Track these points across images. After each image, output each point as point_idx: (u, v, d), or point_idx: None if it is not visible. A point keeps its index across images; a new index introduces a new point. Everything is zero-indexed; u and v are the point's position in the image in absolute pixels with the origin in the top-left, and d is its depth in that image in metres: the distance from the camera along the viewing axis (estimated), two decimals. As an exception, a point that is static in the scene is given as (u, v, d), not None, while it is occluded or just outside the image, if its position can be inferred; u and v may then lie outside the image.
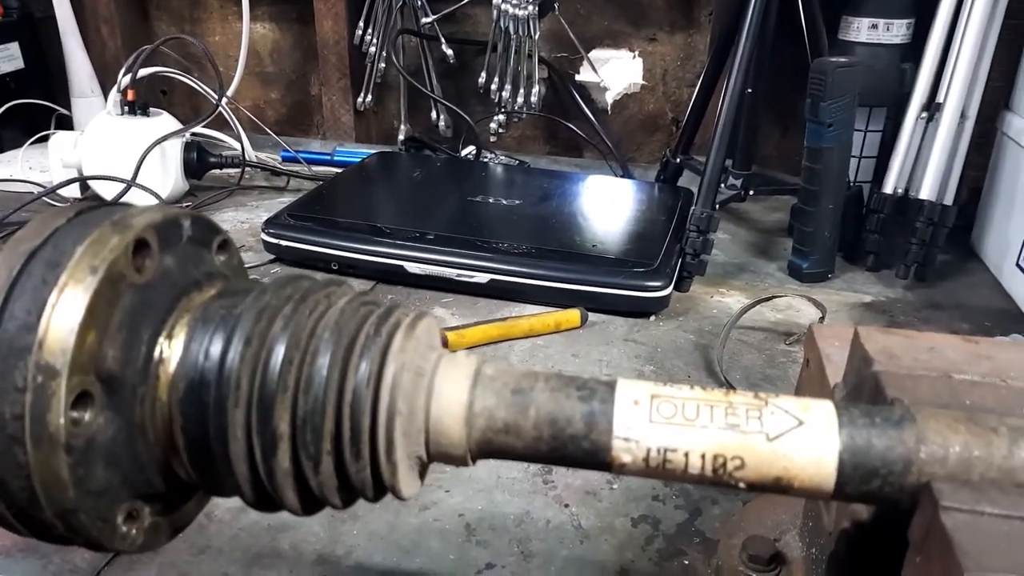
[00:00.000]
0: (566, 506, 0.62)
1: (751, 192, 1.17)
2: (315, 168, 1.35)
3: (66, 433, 0.27)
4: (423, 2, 1.38)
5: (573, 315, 0.90)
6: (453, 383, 0.31)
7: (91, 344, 0.28)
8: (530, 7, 1.29)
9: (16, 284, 0.28)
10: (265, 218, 1.05)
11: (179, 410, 0.30)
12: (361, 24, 1.42)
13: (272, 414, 0.29)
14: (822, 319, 0.89)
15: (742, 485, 0.29)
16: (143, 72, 1.19)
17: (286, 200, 1.22)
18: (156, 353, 0.30)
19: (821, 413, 0.29)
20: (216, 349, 0.30)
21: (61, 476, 0.28)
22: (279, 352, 0.29)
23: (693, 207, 0.99)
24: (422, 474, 0.32)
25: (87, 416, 0.28)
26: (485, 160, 1.38)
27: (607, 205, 1.16)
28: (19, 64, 1.39)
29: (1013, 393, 0.35)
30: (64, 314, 0.27)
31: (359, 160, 1.30)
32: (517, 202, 1.12)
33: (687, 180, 1.22)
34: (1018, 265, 1.00)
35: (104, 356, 0.29)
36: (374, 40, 1.42)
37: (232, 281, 0.35)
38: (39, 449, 0.27)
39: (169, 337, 0.31)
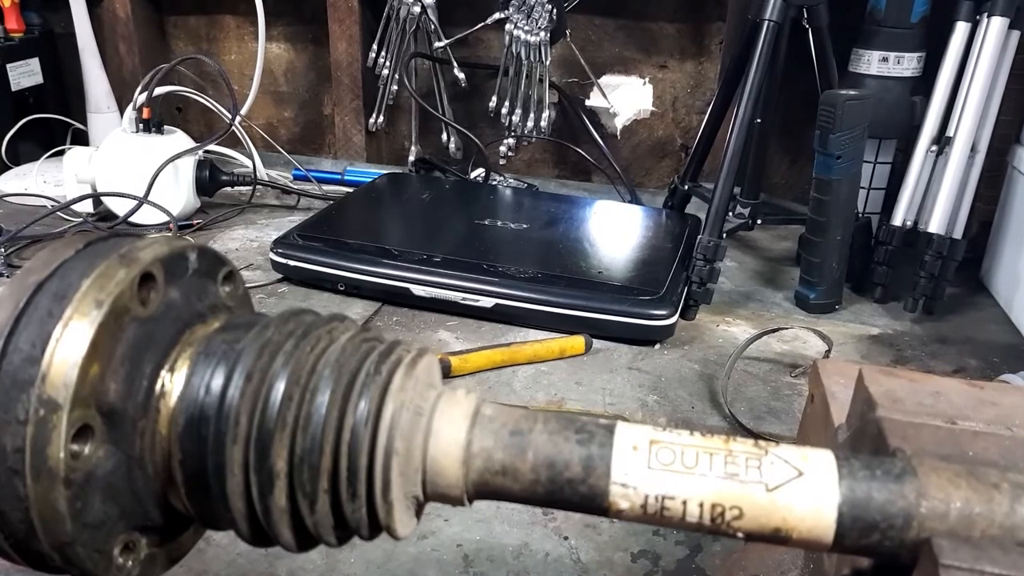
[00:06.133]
0: (565, 539, 0.61)
1: (759, 221, 1.17)
2: (326, 187, 1.36)
3: (65, 467, 0.27)
4: (436, 26, 1.39)
5: (577, 342, 0.90)
6: (451, 423, 0.31)
7: (93, 378, 0.28)
8: (542, 33, 1.30)
9: (22, 316, 0.28)
10: (274, 237, 1.06)
11: (178, 445, 0.30)
12: (375, 47, 1.43)
13: (270, 451, 0.29)
14: (828, 352, 0.89)
15: (740, 535, 0.29)
16: (159, 91, 1.20)
17: (296, 219, 1.22)
18: (158, 387, 0.31)
19: (821, 464, 0.29)
20: (217, 384, 0.30)
21: (59, 509, 0.28)
22: (279, 389, 0.29)
23: (700, 235, 0.99)
24: (418, 513, 0.32)
25: (87, 449, 0.28)
26: (494, 183, 1.39)
27: (614, 231, 1.16)
28: (38, 79, 1.41)
29: (1017, 444, 0.35)
30: (68, 348, 0.28)
31: (369, 180, 1.31)
32: (524, 226, 1.13)
33: (695, 207, 1.22)
34: (1027, 301, 1.00)
35: (106, 390, 0.29)
36: (387, 63, 1.43)
37: (236, 313, 0.35)
38: (38, 482, 0.27)
39: (171, 371, 0.31)
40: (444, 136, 1.49)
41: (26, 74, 1.38)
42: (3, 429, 0.27)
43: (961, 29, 1.02)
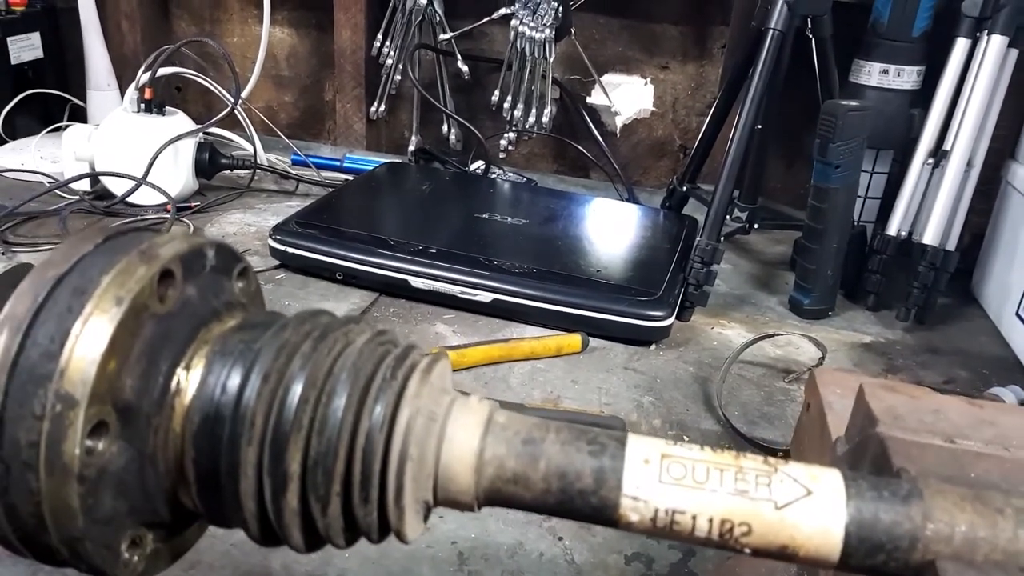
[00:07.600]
0: (560, 539, 0.62)
1: (756, 225, 1.18)
2: (324, 174, 1.36)
3: (80, 463, 0.27)
4: (442, 19, 1.39)
5: (574, 340, 0.91)
6: (465, 429, 0.31)
7: (111, 374, 0.28)
8: (547, 30, 1.29)
9: (41, 311, 0.28)
10: (272, 222, 1.05)
11: (192, 443, 0.30)
12: (380, 36, 1.43)
13: (285, 454, 0.29)
14: (822, 359, 0.90)
15: (747, 551, 0.29)
16: (162, 71, 1.19)
17: (294, 204, 1.22)
18: (173, 384, 0.30)
19: (830, 483, 0.29)
20: (233, 384, 0.30)
21: (71, 504, 0.28)
22: (296, 391, 0.30)
23: (698, 238, 0.99)
24: (426, 517, 0.33)
25: (101, 445, 0.28)
26: (493, 176, 1.38)
27: (612, 230, 1.16)
28: (38, 54, 1.39)
29: (1017, 466, 0.35)
30: (87, 344, 0.27)
31: (368, 168, 1.31)
32: (523, 221, 1.13)
33: (692, 208, 1.23)
34: (1018, 315, 1.01)
35: (122, 386, 0.29)
36: (391, 52, 1.43)
37: (251, 311, 0.35)
38: (52, 477, 0.27)
39: (187, 368, 0.31)
40: (445, 127, 1.48)
41: (26, 48, 1.36)
42: (19, 423, 0.27)
43: (961, 45, 1.02)
